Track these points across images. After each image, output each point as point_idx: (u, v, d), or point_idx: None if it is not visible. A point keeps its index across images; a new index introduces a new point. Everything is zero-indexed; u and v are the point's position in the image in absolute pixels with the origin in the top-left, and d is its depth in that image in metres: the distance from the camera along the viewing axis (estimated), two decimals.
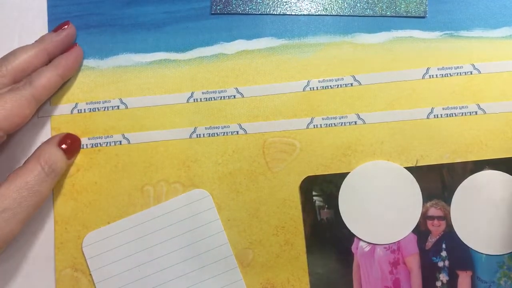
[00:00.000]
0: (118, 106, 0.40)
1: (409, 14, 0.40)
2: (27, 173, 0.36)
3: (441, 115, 0.39)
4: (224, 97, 0.40)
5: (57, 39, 0.39)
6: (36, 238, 0.39)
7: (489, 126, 0.39)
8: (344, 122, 0.39)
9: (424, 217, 0.38)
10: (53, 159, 0.37)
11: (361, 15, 0.40)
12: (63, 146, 0.38)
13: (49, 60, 0.39)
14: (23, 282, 0.39)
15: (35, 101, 0.37)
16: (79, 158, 0.40)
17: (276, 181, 0.39)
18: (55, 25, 0.40)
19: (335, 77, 0.40)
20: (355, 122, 0.39)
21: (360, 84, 0.40)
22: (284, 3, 0.41)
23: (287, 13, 0.41)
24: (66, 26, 0.40)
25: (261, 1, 0.41)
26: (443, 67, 0.39)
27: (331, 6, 0.41)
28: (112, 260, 0.38)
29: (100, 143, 0.40)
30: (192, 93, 0.40)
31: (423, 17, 0.40)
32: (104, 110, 0.40)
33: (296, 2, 0.41)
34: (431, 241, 0.38)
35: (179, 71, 0.40)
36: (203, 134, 0.40)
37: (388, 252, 0.38)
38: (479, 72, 0.39)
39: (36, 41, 0.39)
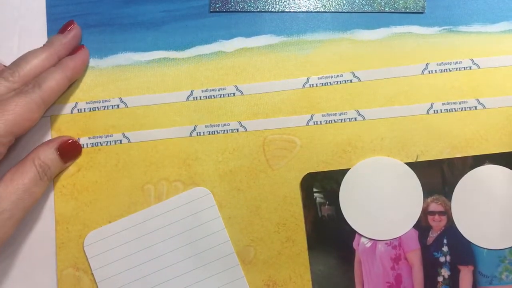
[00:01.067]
0: (118, 105, 0.40)
1: (407, 10, 0.40)
2: (23, 174, 0.36)
3: (441, 110, 0.39)
4: (223, 95, 0.40)
5: (65, 41, 0.39)
6: (38, 238, 0.39)
7: (489, 120, 0.39)
8: (344, 119, 0.39)
9: (425, 212, 0.38)
10: (47, 163, 0.37)
11: (360, 11, 0.40)
12: (61, 150, 0.38)
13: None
14: (24, 282, 0.39)
15: (44, 104, 0.37)
16: (80, 157, 0.40)
17: (276, 178, 0.39)
18: (54, 25, 0.40)
19: (335, 74, 0.40)
20: (355, 119, 0.39)
21: (359, 80, 0.40)
22: (283, 1, 0.41)
23: (286, 10, 0.41)
24: (71, 26, 0.40)
25: None
26: (442, 63, 0.40)
27: (329, 3, 0.41)
28: (114, 259, 0.38)
29: (100, 142, 0.40)
30: (192, 91, 0.40)
31: (422, 13, 0.40)
32: (104, 109, 0.40)
33: (294, 0, 0.41)
34: (432, 236, 0.38)
35: (178, 69, 0.40)
36: (203, 132, 0.40)
37: (390, 248, 0.38)
38: (478, 67, 0.39)
39: (45, 45, 0.39)
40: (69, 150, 0.39)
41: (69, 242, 0.39)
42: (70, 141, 0.39)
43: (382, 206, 0.38)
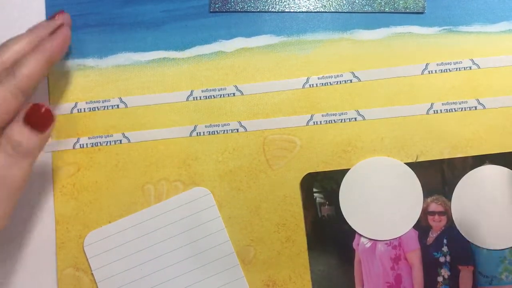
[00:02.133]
0: (118, 105, 0.40)
1: (407, 10, 0.40)
2: None
3: (441, 110, 0.39)
4: (223, 95, 0.40)
5: (50, 26, 0.37)
6: (37, 238, 0.39)
7: (489, 121, 0.39)
8: (344, 119, 0.39)
9: (425, 212, 0.38)
10: (16, 139, 0.33)
11: (360, 11, 0.40)
12: (29, 121, 0.34)
13: None
14: (24, 282, 0.39)
15: (21, 93, 0.34)
16: (80, 157, 0.40)
17: (276, 178, 0.39)
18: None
19: (334, 74, 0.40)
20: (355, 119, 0.39)
21: (359, 80, 0.40)
22: (283, 1, 0.41)
23: (286, 10, 0.41)
24: (59, 14, 0.38)
25: None
26: (442, 63, 0.39)
27: (329, 3, 0.41)
28: (114, 259, 0.38)
29: (100, 142, 0.40)
30: (192, 91, 0.40)
31: (422, 13, 0.40)
32: (104, 109, 0.40)
33: (294, 0, 0.41)
34: (432, 236, 0.38)
35: (178, 69, 0.40)
36: (203, 132, 0.40)
37: (389, 248, 0.38)
38: (478, 67, 0.39)
39: (28, 29, 0.37)
40: (37, 118, 0.34)
41: (69, 242, 0.39)
42: (36, 106, 0.34)
43: (382, 206, 0.38)
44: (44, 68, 0.35)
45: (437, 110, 0.39)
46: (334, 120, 0.39)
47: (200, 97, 0.40)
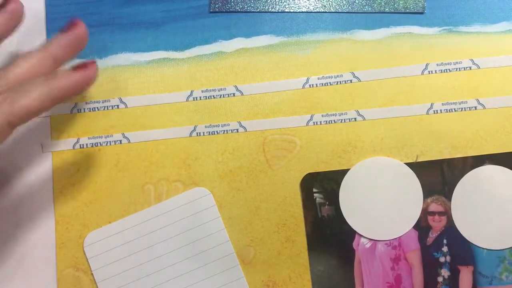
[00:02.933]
0: (117, 106, 0.40)
1: (407, 10, 0.40)
2: None
3: (441, 110, 0.39)
4: (223, 95, 0.40)
5: (64, 42, 0.34)
6: (37, 238, 0.39)
7: (489, 121, 0.39)
8: (344, 119, 0.39)
9: (425, 212, 0.38)
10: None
11: (360, 11, 0.40)
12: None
13: (57, 67, 0.34)
14: (24, 282, 0.39)
15: (9, 127, 0.30)
16: (80, 157, 0.40)
17: (276, 179, 0.39)
18: (54, 25, 0.40)
19: (334, 74, 0.40)
20: (355, 119, 0.39)
21: (359, 80, 0.40)
22: (283, 1, 0.41)
23: (286, 10, 0.41)
24: (76, 25, 0.35)
25: None
26: (442, 63, 0.39)
27: (329, 3, 0.41)
28: (114, 259, 0.38)
29: (100, 143, 0.40)
30: (192, 91, 0.40)
31: (422, 13, 0.40)
32: (104, 109, 0.40)
33: (294, 0, 0.41)
34: (432, 236, 0.38)
35: (178, 69, 0.40)
36: (203, 133, 0.40)
37: (389, 248, 0.38)
38: (478, 67, 0.39)
39: (40, 45, 0.34)
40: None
41: (69, 242, 0.39)
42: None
43: (382, 206, 0.38)
44: (47, 104, 0.32)
45: (437, 110, 0.39)
46: (334, 120, 0.39)
47: (200, 97, 0.40)
